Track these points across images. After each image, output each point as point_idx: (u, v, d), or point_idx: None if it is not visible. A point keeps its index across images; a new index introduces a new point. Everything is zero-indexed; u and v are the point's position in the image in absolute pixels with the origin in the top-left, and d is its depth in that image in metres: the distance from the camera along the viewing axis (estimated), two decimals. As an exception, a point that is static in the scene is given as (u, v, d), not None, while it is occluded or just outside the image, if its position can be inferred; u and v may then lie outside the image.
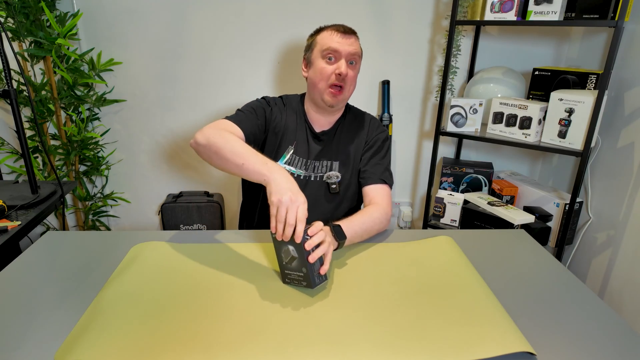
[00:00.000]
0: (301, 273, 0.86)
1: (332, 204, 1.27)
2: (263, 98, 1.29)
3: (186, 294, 0.85)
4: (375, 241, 1.09)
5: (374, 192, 1.21)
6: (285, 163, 1.25)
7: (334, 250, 0.99)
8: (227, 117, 1.18)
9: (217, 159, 1.01)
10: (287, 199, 0.84)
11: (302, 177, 1.25)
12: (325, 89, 1.19)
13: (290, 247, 0.85)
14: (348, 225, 1.02)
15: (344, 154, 1.27)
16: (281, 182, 0.88)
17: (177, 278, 0.90)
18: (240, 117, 1.19)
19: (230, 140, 1.00)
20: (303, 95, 1.32)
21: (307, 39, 1.26)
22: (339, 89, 1.19)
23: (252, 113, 1.22)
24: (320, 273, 0.86)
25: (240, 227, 1.43)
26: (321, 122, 1.27)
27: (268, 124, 1.25)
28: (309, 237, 0.85)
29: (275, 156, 1.25)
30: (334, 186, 1.26)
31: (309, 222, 0.89)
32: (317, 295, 0.86)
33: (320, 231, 0.88)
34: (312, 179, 1.25)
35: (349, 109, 1.33)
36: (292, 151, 1.25)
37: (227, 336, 0.73)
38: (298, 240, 0.83)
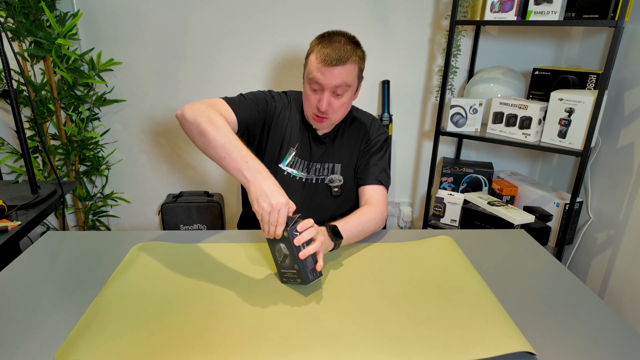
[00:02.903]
0: (294, 270, 0.86)
1: (334, 206, 1.27)
2: (269, 91, 1.25)
3: (186, 293, 0.85)
4: (374, 241, 1.09)
5: (369, 193, 1.21)
6: (287, 165, 1.23)
7: (331, 251, 0.99)
8: (225, 98, 1.12)
9: (200, 141, 0.96)
10: (267, 207, 0.84)
11: (303, 180, 1.24)
12: (310, 114, 1.17)
13: (282, 245, 0.86)
14: (344, 226, 1.02)
15: (346, 157, 1.26)
16: (261, 187, 0.86)
17: (177, 278, 0.90)
18: (241, 102, 1.14)
19: (218, 126, 0.94)
20: None
21: (310, 45, 1.19)
22: (324, 118, 1.16)
23: (253, 102, 1.17)
24: (316, 269, 0.86)
25: (241, 227, 1.43)
26: None
27: (269, 118, 1.21)
28: (298, 234, 0.85)
29: (277, 157, 1.23)
30: (336, 189, 1.25)
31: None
32: (317, 295, 0.86)
33: (310, 227, 0.87)
34: (314, 181, 1.25)
35: (349, 110, 1.31)
36: (294, 153, 1.23)
37: (226, 336, 0.73)
38: (277, 237, 0.85)
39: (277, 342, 0.72)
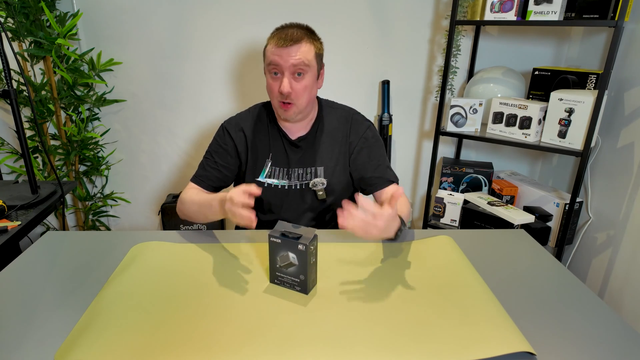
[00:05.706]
0: (297, 279, 0.86)
1: (319, 209, 1.25)
2: (222, 127, 1.25)
3: (186, 294, 0.85)
4: (375, 241, 1.09)
5: (388, 193, 1.15)
6: (265, 177, 1.21)
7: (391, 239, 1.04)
8: (193, 177, 1.24)
9: (196, 220, 1.17)
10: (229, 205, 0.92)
11: (286, 188, 1.21)
12: (277, 105, 1.14)
13: (291, 255, 0.85)
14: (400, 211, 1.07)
15: (328, 159, 1.22)
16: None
17: (176, 278, 0.90)
18: (200, 172, 1.24)
19: (187, 205, 1.17)
20: None
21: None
22: (289, 104, 1.13)
23: (210, 159, 1.23)
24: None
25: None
26: (296, 128, 1.21)
27: (233, 152, 1.23)
28: (313, 249, 0.85)
29: (254, 172, 1.22)
30: (320, 193, 1.21)
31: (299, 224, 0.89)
32: (317, 295, 0.86)
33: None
34: (297, 187, 1.21)
35: (322, 106, 1.24)
36: (270, 163, 1.21)
37: (226, 336, 0.73)
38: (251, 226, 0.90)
39: (277, 342, 0.72)
